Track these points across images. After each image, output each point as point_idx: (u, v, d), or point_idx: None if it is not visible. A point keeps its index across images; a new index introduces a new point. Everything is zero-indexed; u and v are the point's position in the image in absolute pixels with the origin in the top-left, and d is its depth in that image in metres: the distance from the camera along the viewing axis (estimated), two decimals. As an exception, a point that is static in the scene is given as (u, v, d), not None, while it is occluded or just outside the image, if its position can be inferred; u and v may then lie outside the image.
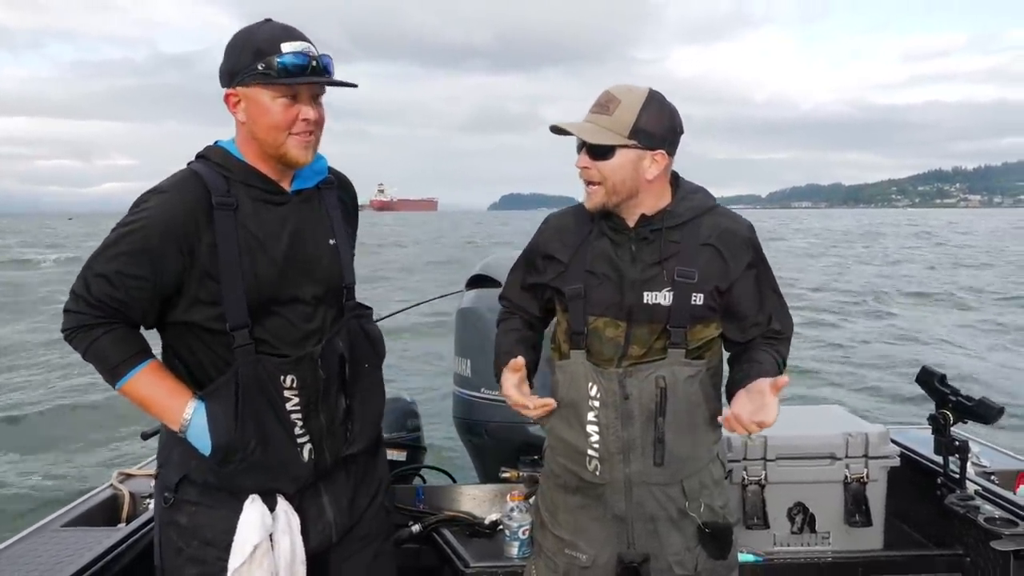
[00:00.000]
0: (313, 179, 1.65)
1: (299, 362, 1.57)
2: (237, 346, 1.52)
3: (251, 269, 1.52)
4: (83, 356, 1.55)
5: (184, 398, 1.53)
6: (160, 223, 1.48)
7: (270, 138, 1.53)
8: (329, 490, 1.68)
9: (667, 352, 1.63)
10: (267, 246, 1.55)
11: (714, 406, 1.69)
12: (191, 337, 1.56)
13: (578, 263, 1.70)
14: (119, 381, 1.54)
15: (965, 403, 2.33)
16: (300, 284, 1.59)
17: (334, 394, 1.63)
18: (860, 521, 2.38)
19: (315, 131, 1.56)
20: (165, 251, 1.48)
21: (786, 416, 1.82)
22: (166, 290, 1.51)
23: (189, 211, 1.50)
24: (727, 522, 1.72)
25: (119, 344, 1.53)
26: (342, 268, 1.67)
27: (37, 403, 8.58)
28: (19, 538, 2.14)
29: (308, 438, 1.60)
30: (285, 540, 1.60)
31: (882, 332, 13.40)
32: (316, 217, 1.65)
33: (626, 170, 1.62)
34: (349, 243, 1.71)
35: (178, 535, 1.61)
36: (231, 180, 1.55)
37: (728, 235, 1.68)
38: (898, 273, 24.91)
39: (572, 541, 1.72)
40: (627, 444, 1.64)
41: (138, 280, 1.49)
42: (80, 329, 1.52)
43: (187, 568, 1.61)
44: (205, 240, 1.50)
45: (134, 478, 2.60)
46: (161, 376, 1.56)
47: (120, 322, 1.53)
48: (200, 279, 1.51)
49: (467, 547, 2.39)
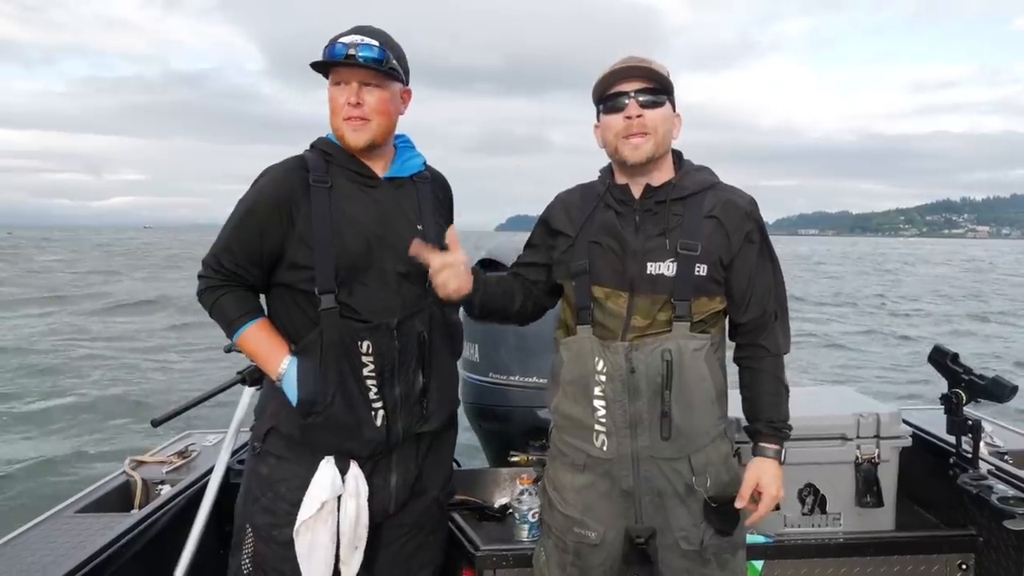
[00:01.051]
0: (407, 171, 1.85)
1: (375, 329, 1.72)
2: (323, 308, 1.69)
3: (340, 240, 1.71)
4: (209, 314, 1.79)
5: (283, 352, 1.74)
6: (265, 195, 1.73)
7: (333, 123, 1.76)
8: (399, 463, 1.80)
9: (672, 325, 1.63)
10: (356, 221, 1.73)
11: (720, 381, 1.71)
12: (288, 298, 1.76)
13: (585, 236, 1.71)
14: (235, 334, 1.77)
15: (978, 382, 2.30)
16: (384, 259, 1.74)
17: (411, 369, 1.77)
18: (871, 502, 2.36)
19: (366, 116, 1.72)
20: (269, 218, 1.71)
21: (796, 397, 1.81)
22: (271, 254, 1.73)
23: (290, 186, 1.72)
24: (732, 496, 1.71)
25: (236, 303, 1.76)
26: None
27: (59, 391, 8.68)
28: (34, 524, 2.16)
29: (382, 404, 1.74)
30: (352, 504, 1.72)
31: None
32: (406, 203, 1.82)
33: (668, 123, 1.69)
34: (438, 233, 1.81)
35: (257, 484, 1.79)
36: (331, 164, 1.77)
37: (730, 207, 1.69)
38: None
39: (581, 519, 1.72)
40: (634, 418, 1.64)
41: (249, 243, 1.73)
42: (207, 291, 1.78)
43: (258, 516, 1.78)
44: (303, 211, 1.71)
45: (146, 465, 2.62)
46: (268, 332, 1.77)
47: (238, 284, 1.77)
48: (297, 245, 1.71)
49: (477, 530, 2.40)
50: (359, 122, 1.72)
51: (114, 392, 8.52)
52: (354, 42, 1.70)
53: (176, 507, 2.30)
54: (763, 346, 1.75)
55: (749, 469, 1.75)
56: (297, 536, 1.70)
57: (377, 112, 1.73)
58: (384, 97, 1.74)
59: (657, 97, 1.65)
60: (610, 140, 1.68)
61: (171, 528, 2.22)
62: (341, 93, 1.72)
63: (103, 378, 9.27)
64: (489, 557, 2.27)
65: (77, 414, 7.77)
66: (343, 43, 1.70)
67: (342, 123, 1.73)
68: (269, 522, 1.75)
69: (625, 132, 1.64)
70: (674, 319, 1.63)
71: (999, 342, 15.00)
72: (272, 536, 1.75)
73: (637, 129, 1.63)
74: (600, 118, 1.72)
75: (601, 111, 1.71)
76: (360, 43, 1.70)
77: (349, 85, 1.72)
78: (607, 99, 1.67)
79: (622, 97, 1.65)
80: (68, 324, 15.22)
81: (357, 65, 1.70)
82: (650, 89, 1.65)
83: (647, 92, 1.64)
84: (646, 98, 1.64)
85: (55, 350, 11.62)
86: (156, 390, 8.76)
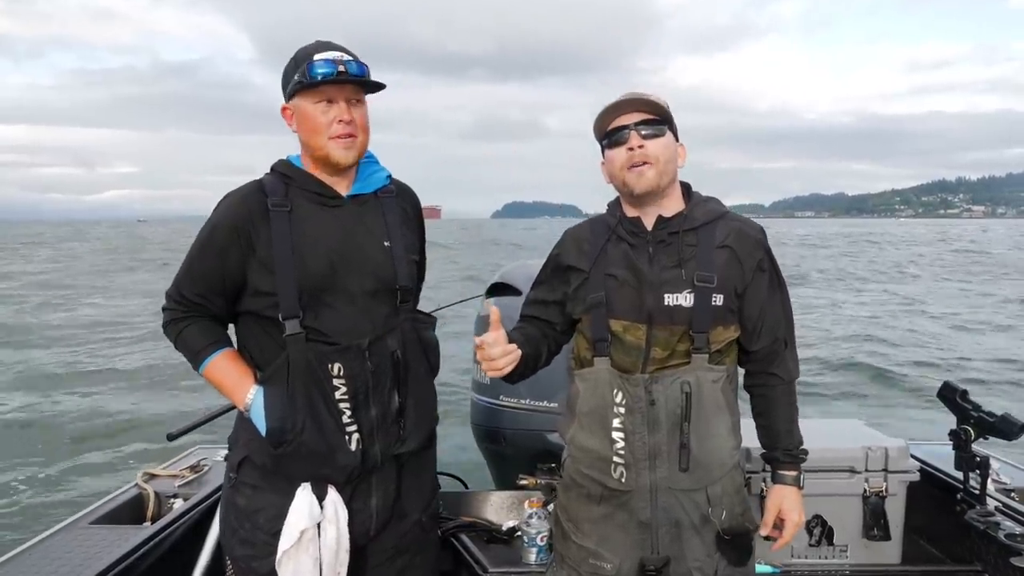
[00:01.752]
0: (371, 186, 1.80)
1: (346, 351, 1.67)
2: (288, 334, 1.65)
3: (302, 262, 1.67)
4: (175, 346, 1.77)
5: (249, 382, 1.70)
6: (223, 223, 1.69)
7: (313, 142, 1.70)
8: (378, 485, 1.76)
9: (691, 357, 1.65)
10: (318, 242, 1.69)
11: (736, 412, 1.72)
12: (254, 326, 1.73)
13: (599, 269, 1.72)
14: (200, 365, 1.74)
15: (986, 419, 2.31)
16: (350, 279, 1.70)
17: (387, 390, 1.72)
18: (879, 535, 2.37)
19: (355, 133, 1.69)
20: (228, 245, 1.67)
21: (805, 429, 1.83)
22: (233, 281, 1.70)
23: (247, 211, 1.68)
24: (747, 528, 1.72)
25: (201, 334, 1.74)
26: (395, 268, 1.75)
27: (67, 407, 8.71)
28: (49, 534, 2.19)
29: (356, 428, 1.69)
30: (332, 530, 1.68)
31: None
32: (371, 220, 1.77)
33: (671, 151, 1.70)
34: (406, 247, 1.80)
35: (235, 516, 1.74)
36: (291, 186, 1.73)
37: (742, 236, 1.71)
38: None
39: (596, 551, 1.72)
40: (653, 450, 1.65)
41: (209, 272, 1.70)
42: (171, 323, 1.76)
43: (238, 548, 1.73)
44: (262, 236, 1.67)
45: (158, 478, 2.65)
46: (233, 362, 1.73)
47: (202, 315, 1.74)
48: (258, 271, 1.67)
49: (485, 552, 2.41)
50: (349, 139, 1.68)
51: (128, 408, 8.55)
52: (340, 59, 1.66)
53: (189, 521, 2.32)
54: (776, 374, 1.77)
55: (771, 497, 1.77)
56: (279, 567, 1.66)
57: (363, 129, 1.71)
58: (365, 112, 1.73)
59: (657, 128, 1.68)
60: (616, 173, 1.71)
61: (183, 542, 2.25)
62: (326, 111, 1.67)
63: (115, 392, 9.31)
64: None
65: (91, 426, 7.79)
66: (329, 60, 1.65)
67: (329, 142, 1.68)
68: (249, 554, 1.71)
69: (628, 163, 1.67)
70: (692, 351, 1.64)
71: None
72: (252, 568, 1.71)
73: (639, 159, 1.66)
74: (604, 154, 1.75)
75: (604, 147, 1.74)
76: (346, 60, 1.67)
77: (335, 103, 1.67)
78: (609, 135, 1.71)
79: (623, 131, 1.68)
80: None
81: (347, 81, 1.67)
82: (650, 121, 1.68)
83: (647, 124, 1.68)
84: (646, 130, 1.67)
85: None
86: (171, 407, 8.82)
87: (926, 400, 8.25)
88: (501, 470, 3.17)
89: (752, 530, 1.75)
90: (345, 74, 1.66)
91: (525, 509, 2.50)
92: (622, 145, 1.69)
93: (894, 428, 5.95)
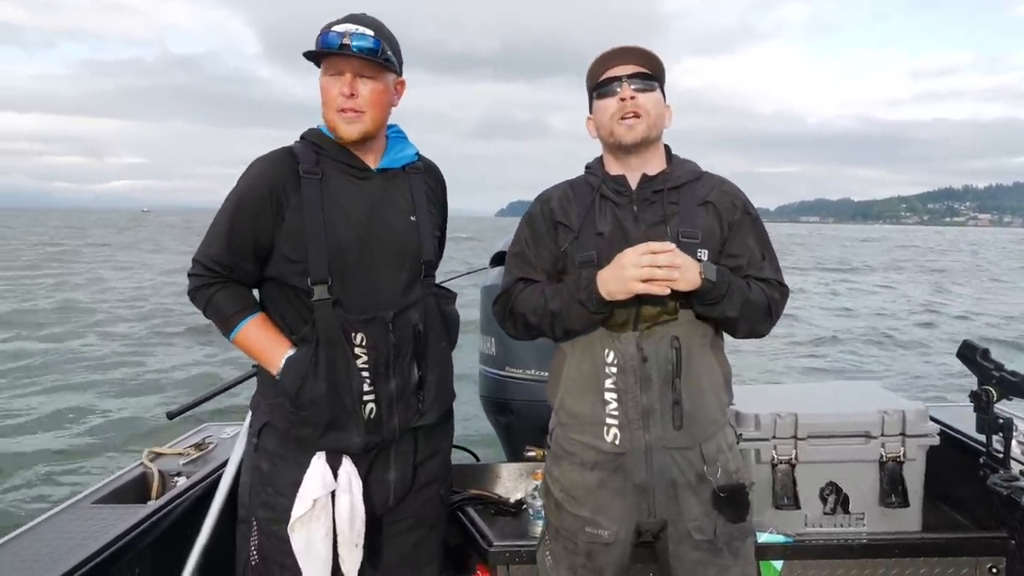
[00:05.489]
0: (400, 162, 1.82)
1: (370, 322, 1.70)
2: (316, 299, 1.67)
3: (332, 231, 1.68)
4: (203, 312, 1.76)
5: (284, 347, 1.71)
6: (254, 187, 1.69)
7: (325, 115, 1.72)
8: (396, 457, 1.79)
9: (678, 313, 1.62)
10: (348, 213, 1.71)
11: (725, 367, 1.72)
12: (280, 292, 1.74)
13: (588, 228, 1.69)
14: (232, 331, 1.73)
15: (1009, 378, 2.22)
16: (377, 252, 1.72)
17: (407, 363, 1.75)
18: (897, 502, 2.29)
19: (359, 108, 1.68)
20: (260, 209, 1.68)
21: (818, 392, 1.76)
22: (263, 246, 1.70)
23: (279, 177, 1.69)
24: (742, 484, 1.69)
25: (231, 299, 1.73)
26: (420, 243, 1.78)
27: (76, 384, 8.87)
28: (53, 513, 2.19)
29: (374, 398, 1.72)
30: (345, 499, 1.70)
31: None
32: (398, 194, 1.79)
33: (660, 108, 1.70)
34: (431, 223, 1.83)
35: (259, 479, 1.77)
36: (322, 155, 1.74)
37: (722, 193, 1.72)
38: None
39: (593, 519, 1.69)
40: (646, 409, 1.63)
41: (240, 237, 1.69)
42: (199, 289, 1.74)
43: (259, 511, 1.77)
44: (293, 203, 1.68)
45: (163, 456, 2.64)
46: (267, 327, 1.74)
47: (232, 280, 1.73)
48: (288, 237, 1.68)
49: (492, 525, 2.39)
50: (353, 114, 1.68)
51: (128, 379, 8.71)
52: (348, 31, 1.65)
53: (191, 498, 2.31)
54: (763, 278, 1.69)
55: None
56: (292, 533, 1.69)
57: (371, 104, 1.69)
58: (378, 89, 1.70)
59: (649, 82, 1.68)
60: (604, 123, 1.69)
61: (186, 518, 2.24)
62: (334, 84, 1.68)
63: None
64: (502, 553, 2.25)
65: (94, 405, 7.92)
66: (337, 32, 1.65)
67: (335, 115, 1.69)
68: (269, 516, 1.75)
69: (620, 113, 1.66)
70: (680, 306, 1.62)
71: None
72: (272, 531, 1.74)
73: (631, 109, 1.65)
74: (593, 104, 1.73)
75: (595, 97, 1.72)
76: (354, 32, 1.65)
77: (343, 76, 1.67)
78: (600, 84, 1.70)
79: (615, 82, 1.68)
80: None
81: (351, 55, 1.65)
82: (643, 74, 1.68)
83: (640, 77, 1.67)
84: (639, 84, 1.67)
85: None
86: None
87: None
88: (509, 441, 3.15)
89: (748, 486, 1.72)
90: (348, 48, 1.64)
91: (532, 481, 2.46)
92: (613, 96, 1.68)
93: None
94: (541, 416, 2.80)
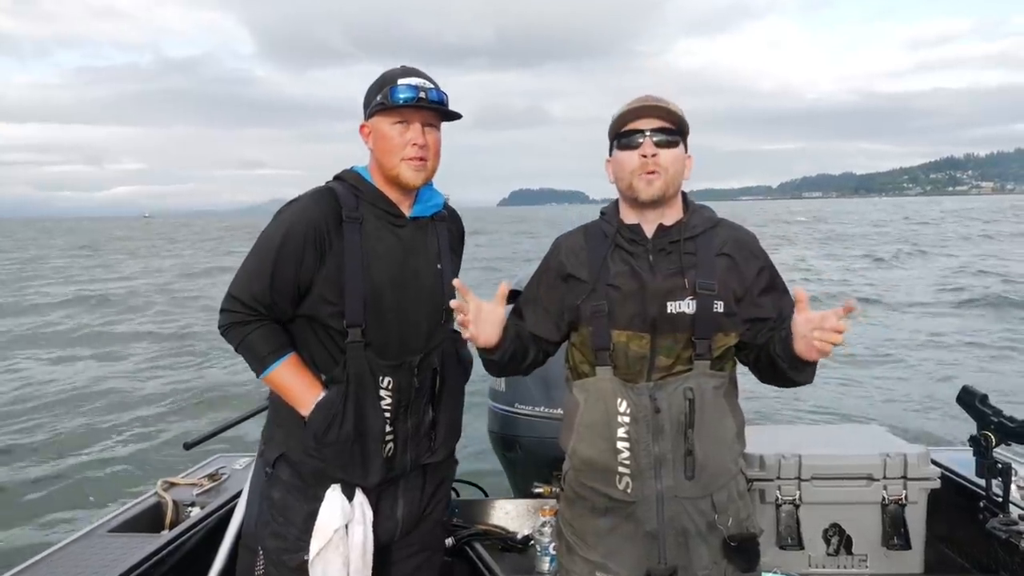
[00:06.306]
0: (429, 210, 1.87)
1: (399, 368, 1.76)
2: (350, 341, 1.71)
3: (369, 276, 1.73)
4: (236, 349, 1.76)
5: (315, 390, 1.73)
6: (300, 226, 1.71)
7: (387, 161, 1.77)
8: (405, 492, 1.85)
9: (693, 363, 1.64)
10: (384, 259, 1.76)
11: (739, 417, 1.71)
12: (311, 331, 1.76)
13: (601, 280, 1.70)
14: (265, 370, 1.74)
15: (1008, 424, 2.27)
16: (407, 297, 1.78)
17: (423, 404, 1.82)
18: (899, 544, 2.33)
19: (426, 157, 1.77)
20: (305, 250, 1.70)
21: (822, 434, 1.81)
22: (303, 286, 1.72)
23: (323, 218, 1.72)
24: (753, 533, 1.70)
25: (267, 339, 1.73)
26: (444, 291, 1.84)
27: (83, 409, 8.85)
28: (69, 542, 2.22)
29: (392, 438, 1.78)
30: (359, 530, 1.75)
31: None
32: (427, 243, 1.85)
33: (680, 163, 1.69)
34: (453, 271, 1.89)
35: (269, 508, 1.80)
36: (360, 199, 1.78)
37: (739, 244, 1.72)
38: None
39: (603, 563, 1.70)
40: (658, 459, 1.63)
41: (283, 276, 1.71)
42: (233, 326, 1.74)
43: (269, 540, 1.80)
44: (335, 245, 1.72)
45: (177, 486, 2.68)
46: (298, 369, 1.75)
47: (268, 319, 1.74)
48: (327, 278, 1.71)
49: (499, 561, 2.41)
50: (420, 162, 1.76)
51: (147, 415, 8.68)
52: (423, 85, 1.75)
53: (205, 528, 2.35)
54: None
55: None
56: (312, 566, 1.72)
57: (435, 153, 1.79)
58: (439, 138, 1.81)
59: (672, 137, 1.67)
60: (624, 176, 1.69)
61: (199, 549, 2.27)
62: (403, 132, 1.75)
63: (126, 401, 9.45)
64: None
65: (108, 435, 7.91)
66: (412, 85, 1.74)
67: (401, 163, 1.75)
68: (279, 547, 1.78)
69: (641, 170, 1.66)
70: (695, 357, 1.64)
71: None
72: (282, 561, 1.77)
73: (651, 167, 1.65)
74: (613, 153, 1.73)
75: (615, 147, 1.72)
76: (428, 87, 1.75)
77: (411, 125, 1.75)
78: (622, 136, 1.69)
79: (637, 135, 1.67)
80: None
81: (426, 107, 1.74)
82: (665, 129, 1.67)
83: (662, 132, 1.67)
84: (661, 138, 1.66)
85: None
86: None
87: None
88: (517, 477, 3.16)
89: (758, 535, 1.73)
90: (425, 100, 1.74)
91: (539, 517, 2.49)
92: (635, 149, 1.67)
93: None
94: (548, 453, 2.84)
